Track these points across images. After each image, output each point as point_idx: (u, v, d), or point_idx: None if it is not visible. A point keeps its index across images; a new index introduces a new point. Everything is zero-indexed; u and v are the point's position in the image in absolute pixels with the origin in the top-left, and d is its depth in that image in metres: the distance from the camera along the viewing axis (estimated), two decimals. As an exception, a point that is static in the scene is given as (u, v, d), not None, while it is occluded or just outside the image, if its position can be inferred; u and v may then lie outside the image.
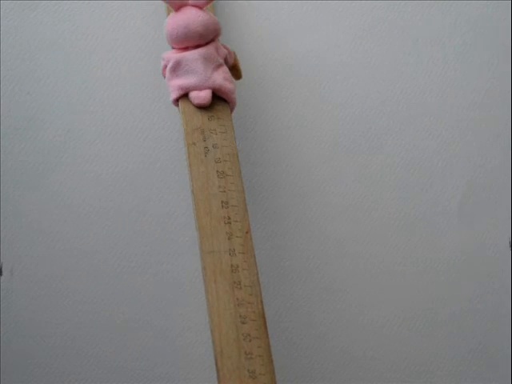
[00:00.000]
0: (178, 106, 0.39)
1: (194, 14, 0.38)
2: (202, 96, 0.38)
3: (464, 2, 0.46)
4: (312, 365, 0.42)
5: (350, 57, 0.45)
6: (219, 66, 0.39)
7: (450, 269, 0.43)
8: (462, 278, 0.43)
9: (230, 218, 0.36)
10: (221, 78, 0.39)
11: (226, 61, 0.40)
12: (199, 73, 0.38)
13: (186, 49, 0.39)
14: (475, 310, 0.42)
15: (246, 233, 0.36)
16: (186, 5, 0.39)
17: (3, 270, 0.42)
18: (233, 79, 0.40)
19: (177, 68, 0.39)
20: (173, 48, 0.39)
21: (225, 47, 0.40)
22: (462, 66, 0.45)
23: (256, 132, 0.44)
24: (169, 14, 0.41)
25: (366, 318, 0.42)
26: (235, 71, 0.42)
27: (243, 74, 0.42)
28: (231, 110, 0.39)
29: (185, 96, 0.39)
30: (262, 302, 0.34)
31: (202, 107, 0.38)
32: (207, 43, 0.39)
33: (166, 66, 0.39)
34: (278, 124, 0.44)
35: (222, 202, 0.36)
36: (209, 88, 0.38)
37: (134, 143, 0.43)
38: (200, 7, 0.39)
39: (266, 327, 0.34)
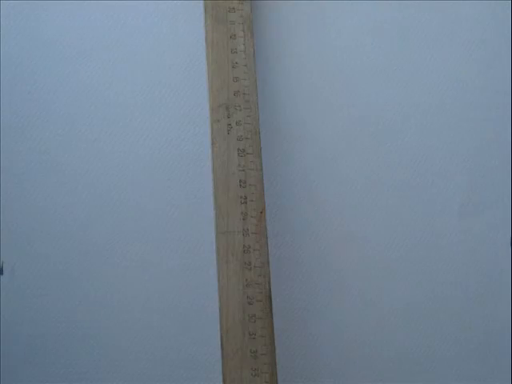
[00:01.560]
0: None
1: None
2: None
3: (465, 2, 0.45)
4: (320, 357, 0.43)
5: (351, 57, 0.44)
6: None
7: (451, 268, 0.44)
8: (464, 276, 0.44)
9: (246, 198, 0.37)
10: None
11: None
12: None
13: None
14: (475, 310, 0.43)
15: (261, 212, 0.37)
16: None
17: (4, 269, 0.42)
18: None
19: None
20: None
21: None
22: (462, 66, 0.44)
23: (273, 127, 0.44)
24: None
25: (368, 316, 0.43)
26: None
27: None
28: None
29: None
30: (269, 282, 0.36)
31: None
32: None
33: None
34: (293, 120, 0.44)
35: (240, 180, 0.37)
36: None
37: (137, 141, 0.43)
38: None
39: (271, 308, 0.36)
